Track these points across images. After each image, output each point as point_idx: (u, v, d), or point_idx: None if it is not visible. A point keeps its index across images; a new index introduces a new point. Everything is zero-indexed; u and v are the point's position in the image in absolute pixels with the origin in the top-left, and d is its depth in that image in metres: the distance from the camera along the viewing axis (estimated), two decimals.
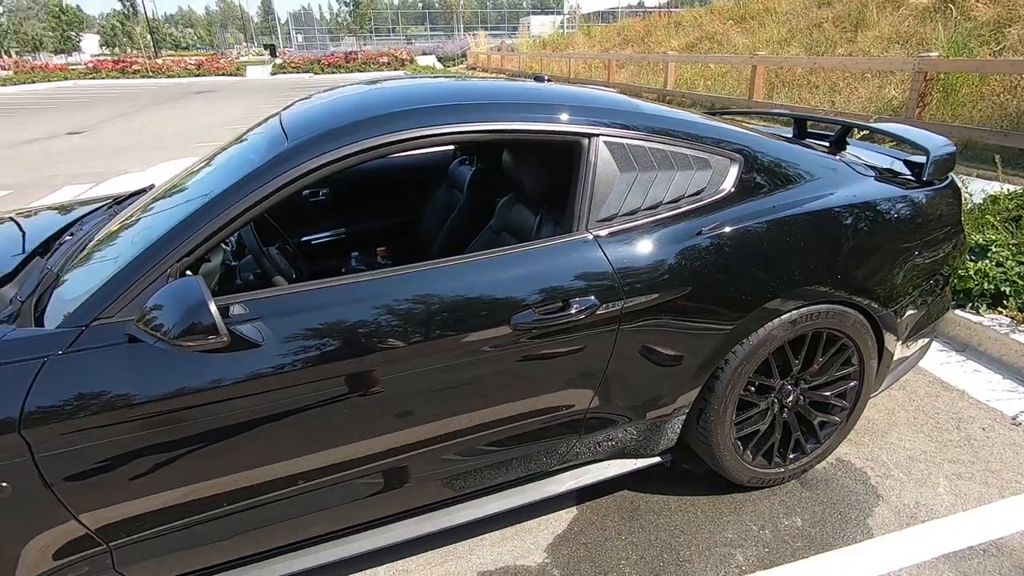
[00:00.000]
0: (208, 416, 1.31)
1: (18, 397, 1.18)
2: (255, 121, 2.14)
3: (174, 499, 1.37)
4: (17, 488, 1.21)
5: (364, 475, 1.54)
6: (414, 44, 46.84)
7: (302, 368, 1.35)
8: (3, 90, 23.52)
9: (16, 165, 8.25)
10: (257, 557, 1.55)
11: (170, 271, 1.31)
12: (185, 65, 32.01)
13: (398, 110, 1.55)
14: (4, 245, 1.89)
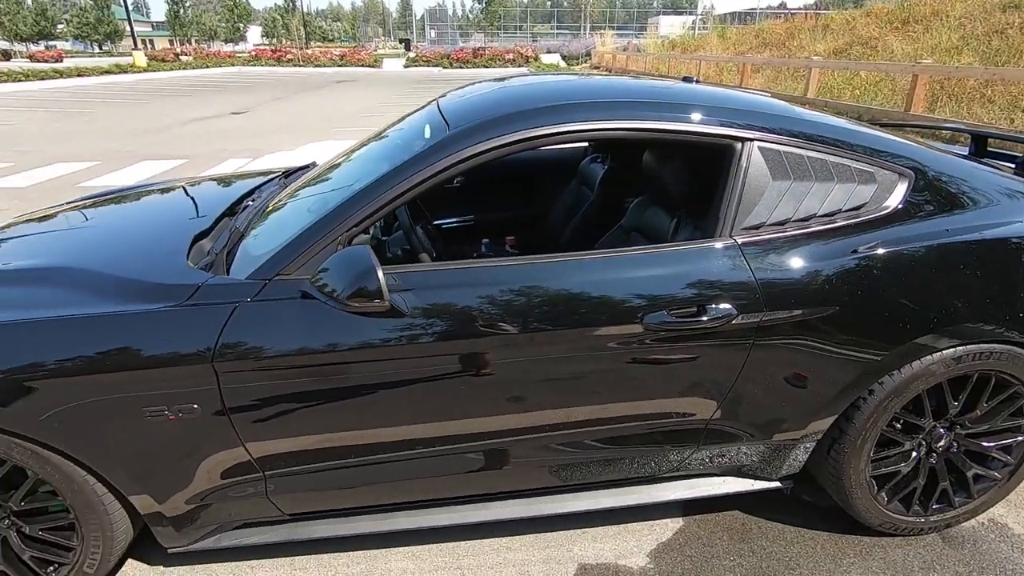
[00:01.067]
0: (352, 373, 1.45)
1: (214, 333, 1.38)
2: (387, 111, 2.29)
3: (318, 443, 1.53)
4: (204, 411, 1.41)
5: (476, 450, 1.62)
6: (539, 42, 47.39)
7: (435, 341, 1.44)
8: (185, 73, 27.08)
9: (191, 139, 9.49)
10: (381, 508, 1.69)
11: (340, 239, 1.46)
12: (331, 56, 34.90)
13: (555, 104, 1.60)
14: (200, 206, 2.20)
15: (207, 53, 38.25)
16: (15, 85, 18.09)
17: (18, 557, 1.54)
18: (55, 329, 1.37)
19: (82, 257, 1.67)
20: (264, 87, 20.35)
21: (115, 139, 9.43)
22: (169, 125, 11.10)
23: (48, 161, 7.65)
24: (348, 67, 32.66)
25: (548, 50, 37.92)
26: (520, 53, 32.91)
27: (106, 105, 14.35)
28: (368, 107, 14.29)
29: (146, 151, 8.42)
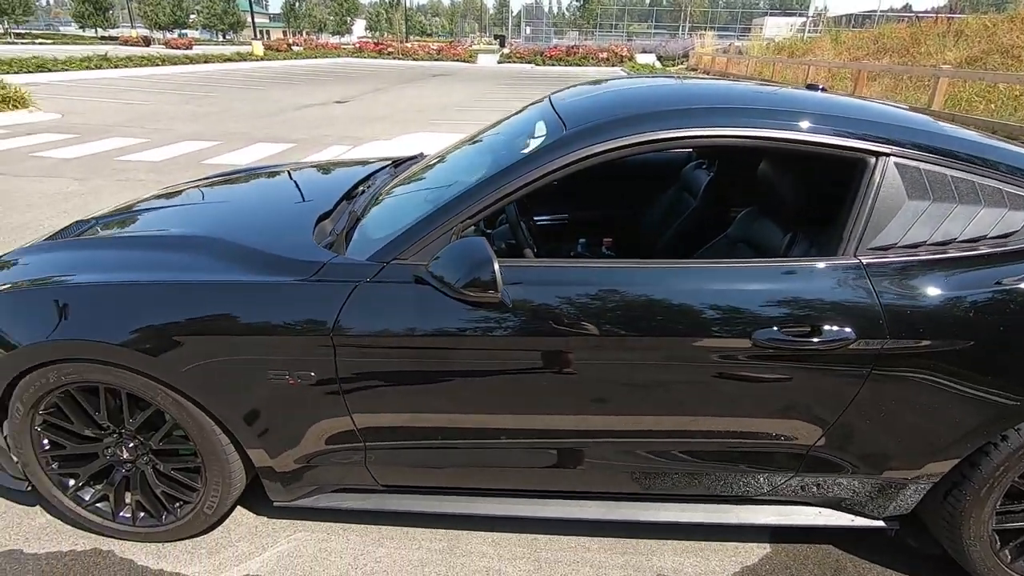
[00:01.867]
0: (452, 358, 1.51)
1: (335, 308, 1.48)
2: (479, 105, 2.33)
3: (415, 421, 1.61)
4: (319, 379, 1.52)
5: (562, 447, 1.64)
6: (635, 41, 46.41)
7: (534, 335, 1.47)
8: (296, 62, 28.97)
9: (298, 125, 10.15)
10: (466, 491, 1.75)
11: (454, 229, 1.52)
12: (428, 50, 36.03)
13: (679, 108, 1.58)
14: (321, 189, 2.37)
15: (316, 44, 40.74)
16: (153, 69, 20.13)
17: (152, 491, 1.73)
18: (201, 292, 1.53)
19: (223, 229, 1.84)
20: (365, 78, 21.36)
21: (234, 122, 10.26)
22: (281, 110, 11.92)
23: (178, 139, 8.46)
24: (444, 61, 33.58)
25: (644, 50, 37.08)
26: (615, 52, 32.42)
27: (227, 90, 15.62)
28: (461, 100, 14.64)
29: (260, 134, 9.10)
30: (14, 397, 1.60)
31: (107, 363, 1.53)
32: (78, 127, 9.11)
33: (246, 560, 1.75)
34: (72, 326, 1.53)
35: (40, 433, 1.66)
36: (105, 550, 1.77)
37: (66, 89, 13.99)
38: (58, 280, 1.64)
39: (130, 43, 34.21)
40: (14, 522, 1.87)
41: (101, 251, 1.81)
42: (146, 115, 10.71)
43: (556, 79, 22.80)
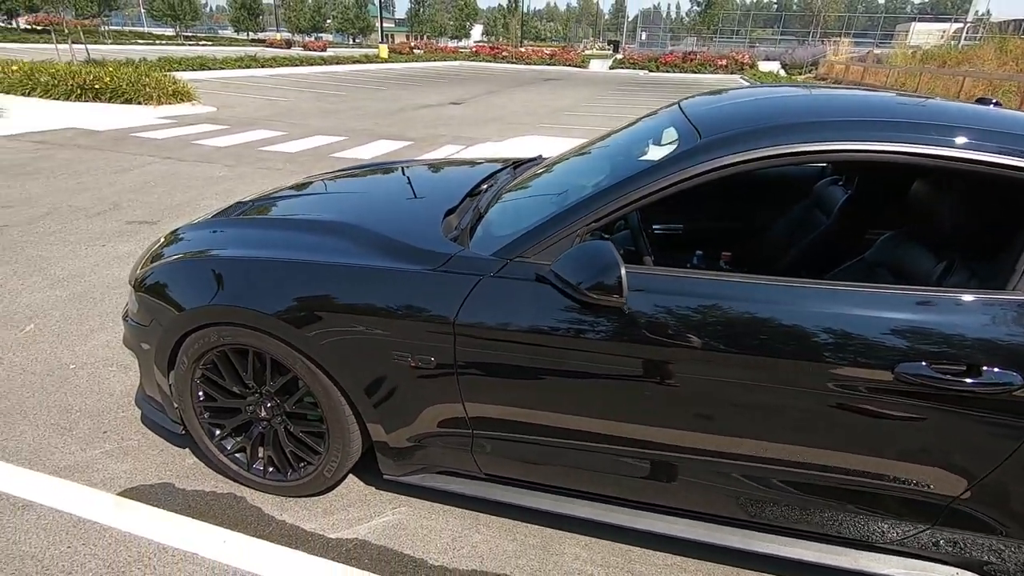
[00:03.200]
0: (565, 359, 1.53)
1: (460, 298, 1.56)
2: (588, 110, 2.31)
3: (522, 416, 1.65)
4: (438, 365, 1.61)
5: (668, 460, 1.60)
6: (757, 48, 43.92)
7: (650, 344, 1.44)
8: (416, 65, 30.56)
9: (416, 124, 10.69)
10: (565, 491, 1.76)
11: (580, 232, 1.54)
12: (541, 55, 36.45)
13: (825, 120, 1.49)
14: (446, 185, 2.49)
15: (435, 48, 42.73)
16: (293, 69, 22.15)
17: (282, 449, 1.92)
18: (343, 273, 1.67)
19: (361, 217, 1.99)
20: (480, 81, 22.05)
21: (359, 119, 11.02)
22: (400, 109, 12.64)
23: (311, 133, 9.24)
24: (556, 66, 33.83)
25: (767, 57, 35.01)
26: (734, 59, 30.89)
27: (354, 89, 16.81)
28: (570, 105, 14.68)
29: (382, 131, 9.71)
30: (181, 351, 1.84)
31: (257, 329, 1.71)
32: (229, 119, 10.23)
33: (355, 525, 1.88)
34: (231, 294, 1.73)
35: (197, 385, 1.90)
36: (239, 495, 1.99)
37: (221, 86, 15.77)
38: (222, 253, 1.87)
39: (274, 45, 37.85)
40: (169, 460, 2.15)
41: (259, 230, 2.04)
42: (285, 111, 11.80)
43: (670, 86, 22.17)
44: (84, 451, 2.17)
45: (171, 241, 2.13)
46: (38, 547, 1.76)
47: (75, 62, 12.23)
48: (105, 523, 1.85)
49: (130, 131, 8.74)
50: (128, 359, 2.79)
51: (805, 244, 2.37)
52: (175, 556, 1.75)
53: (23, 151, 7.14)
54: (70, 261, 3.94)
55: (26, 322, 3.11)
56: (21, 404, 2.43)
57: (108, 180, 6.03)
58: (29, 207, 5.06)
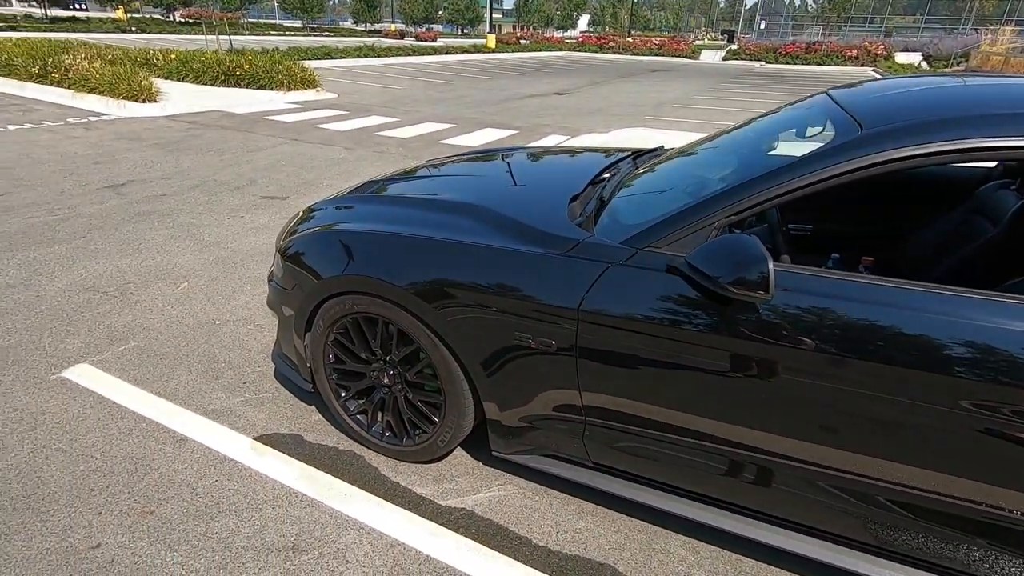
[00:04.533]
0: (692, 353, 1.47)
1: (586, 284, 1.56)
2: (696, 103, 2.17)
3: (639, 409, 1.62)
4: (558, 349, 1.62)
5: (789, 470, 1.51)
6: (894, 38, 39.70)
7: (788, 347, 1.36)
8: (522, 55, 30.77)
9: (520, 113, 10.78)
10: (673, 489, 1.72)
11: (717, 224, 1.48)
12: (649, 45, 35.32)
13: (1015, 112, 1.32)
14: (568, 172, 2.50)
15: (541, 38, 42.75)
16: (406, 58, 23.12)
17: (400, 415, 2.03)
18: (474, 252, 1.73)
19: (490, 200, 2.05)
20: (585, 71, 21.79)
21: (466, 107, 11.30)
22: (506, 99, 12.80)
23: (421, 120, 9.61)
24: (664, 56, 32.63)
25: (905, 47, 31.56)
26: (867, 50, 28.12)
27: (462, 79, 17.25)
28: (676, 98, 14.12)
29: (488, 119, 9.89)
30: (318, 316, 2.00)
31: (387, 300, 1.82)
32: (348, 105, 10.89)
33: (463, 495, 1.95)
34: (365, 266, 1.85)
35: (329, 348, 2.05)
36: (358, 454, 2.13)
37: (341, 73, 16.79)
38: (358, 227, 1.99)
39: (389, 36, 39.70)
40: (298, 414, 2.35)
41: (392, 207, 2.15)
42: (398, 98, 12.36)
43: (788, 79, 20.66)
44: (228, 398, 2.43)
45: (312, 213, 2.31)
46: (192, 476, 2.00)
47: (220, 51, 13.55)
48: (245, 463, 2.06)
49: (264, 114, 9.56)
50: (263, 319, 3.08)
51: (966, 253, 2.12)
52: (303, 501, 1.91)
53: (178, 130, 8.05)
54: (215, 229, 4.40)
55: (180, 280, 3.52)
56: (178, 352, 2.76)
57: (245, 158, 6.65)
58: (183, 179, 5.70)
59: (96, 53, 11.64)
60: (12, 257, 3.73)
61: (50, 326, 2.93)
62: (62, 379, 2.51)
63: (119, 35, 26.49)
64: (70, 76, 10.02)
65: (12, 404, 2.34)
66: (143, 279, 3.51)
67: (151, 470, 2.02)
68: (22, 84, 10.70)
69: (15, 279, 3.43)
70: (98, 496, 1.90)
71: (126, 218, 4.55)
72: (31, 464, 2.03)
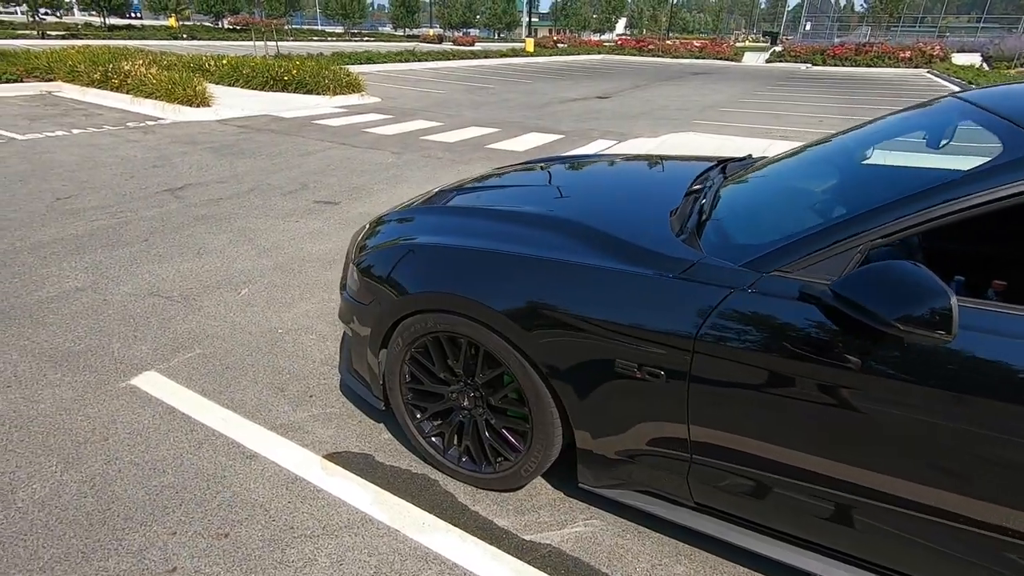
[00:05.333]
0: (834, 392, 1.30)
1: (704, 311, 1.41)
2: (743, 107, 1.96)
3: (759, 449, 1.46)
4: (667, 380, 1.48)
5: (934, 526, 1.32)
6: (947, 37, 38.00)
7: (955, 392, 1.18)
8: (560, 58, 30.61)
9: (564, 117, 10.64)
10: (786, 537, 1.55)
11: (862, 247, 1.31)
12: (689, 48, 34.70)
13: None
14: (656, 182, 2.35)
15: (579, 41, 42.50)
16: (446, 63, 23.24)
17: (481, 441, 1.92)
18: (571, 272, 1.60)
19: (577, 213, 1.92)
20: (625, 75, 21.50)
21: (508, 111, 11.22)
22: (547, 103, 12.67)
23: (465, 124, 9.57)
24: (705, 59, 31.99)
25: (962, 48, 30.16)
26: (921, 51, 26.95)
27: (502, 83, 17.21)
28: (721, 101, 13.74)
29: (532, 124, 9.79)
30: (396, 333, 1.91)
31: (475, 320, 1.71)
32: (392, 109, 10.95)
33: (547, 530, 1.83)
34: (453, 283, 1.74)
35: (407, 367, 1.95)
36: (432, 478, 2.03)
37: (384, 78, 16.97)
38: (443, 242, 1.89)
39: (427, 40, 40.08)
40: (367, 432, 2.26)
41: (475, 220, 2.04)
42: (440, 102, 12.37)
43: (838, 82, 19.96)
44: (295, 411, 2.36)
45: (385, 225, 2.22)
46: (264, 497, 1.93)
47: (268, 57, 13.85)
48: (317, 484, 1.98)
49: (311, 118, 9.68)
50: (324, 328, 3.02)
51: None
52: (379, 529, 1.81)
53: (230, 134, 8.20)
54: (271, 234, 4.40)
55: (241, 286, 3.50)
56: (242, 361, 2.72)
57: (296, 162, 6.70)
58: (238, 183, 5.77)
59: (152, 59, 12.04)
60: (80, 260, 3.79)
61: (118, 331, 2.93)
62: (131, 387, 2.50)
63: (171, 42, 27.47)
64: (128, 82, 10.35)
65: (85, 412, 2.32)
66: (205, 284, 3.51)
67: (223, 488, 1.96)
68: (83, 89, 11.12)
69: (83, 282, 3.47)
70: (172, 514, 1.85)
71: (185, 222, 4.60)
72: (105, 477, 1.99)
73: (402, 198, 5.38)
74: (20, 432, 2.20)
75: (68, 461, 2.06)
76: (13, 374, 2.56)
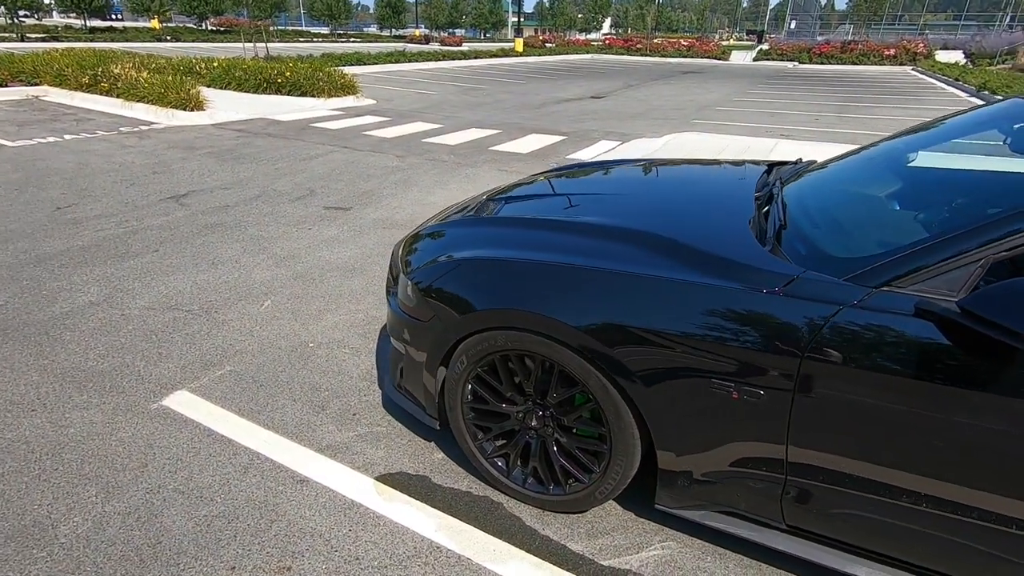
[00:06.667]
0: (951, 411, 1.25)
1: (812, 329, 1.35)
2: (739, 105, 1.92)
3: (864, 470, 1.40)
4: (769, 400, 1.41)
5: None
6: (927, 35, 38.64)
7: None
8: (548, 58, 30.59)
9: (562, 118, 10.58)
10: (887, 560, 1.50)
11: (983, 261, 1.26)
12: (677, 47, 34.87)
13: None
14: (716, 190, 2.28)
15: (567, 41, 42.53)
16: (436, 63, 23.09)
17: (550, 462, 1.84)
18: (660, 288, 1.53)
19: (646, 223, 1.85)
20: (615, 74, 21.52)
21: (505, 112, 11.14)
22: (543, 103, 12.61)
23: (465, 126, 9.47)
24: (692, 58, 32.16)
25: (945, 45, 30.67)
26: (905, 48, 27.39)
27: (494, 83, 17.12)
28: (717, 100, 13.79)
29: (531, 125, 9.71)
30: (460, 350, 1.82)
31: (551, 338, 1.63)
32: (389, 111, 10.81)
33: (624, 554, 1.75)
34: (528, 300, 1.66)
35: (470, 385, 1.87)
36: (495, 501, 1.95)
37: (375, 79, 16.79)
38: (511, 255, 1.80)
39: (414, 41, 39.85)
40: (419, 451, 2.17)
41: (539, 232, 1.95)
42: (436, 103, 12.26)
43: (829, 79, 20.17)
44: (340, 431, 2.27)
45: (434, 235, 2.14)
46: (323, 525, 1.83)
47: (259, 59, 13.63)
48: (376, 510, 1.89)
49: (308, 121, 9.52)
50: (357, 341, 2.92)
51: None
52: (450, 558, 1.73)
53: (228, 138, 8.02)
54: (286, 242, 4.28)
55: (263, 298, 3.39)
56: (276, 378, 2.61)
57: (299, 167, 6.56)
58: (243, 189, 5.62)
59: (141, 62, 11.77)
60: (90, 272, 3.65)
61: (141, 348, 2.81)
62: (164, 408, 2.38)
63: (155, 44, 26.98)
64: (119, 85, 10.11)
65: (118, 436, 2.21)
66: (224, 297, 3.39)
67: (277, 516, 1.86)
68: (71, 94, 10.84)
69: (97, 296, 3.34)
70: (228, 547, 1.75)
71: (194, 230, 4.47)
72: (149, 508, 1.88)
73: (414, 203, 5.29)
74: (52, 460, 2.08)
75: (108, 491, 1.95)
76: (36, 397, 2.43)
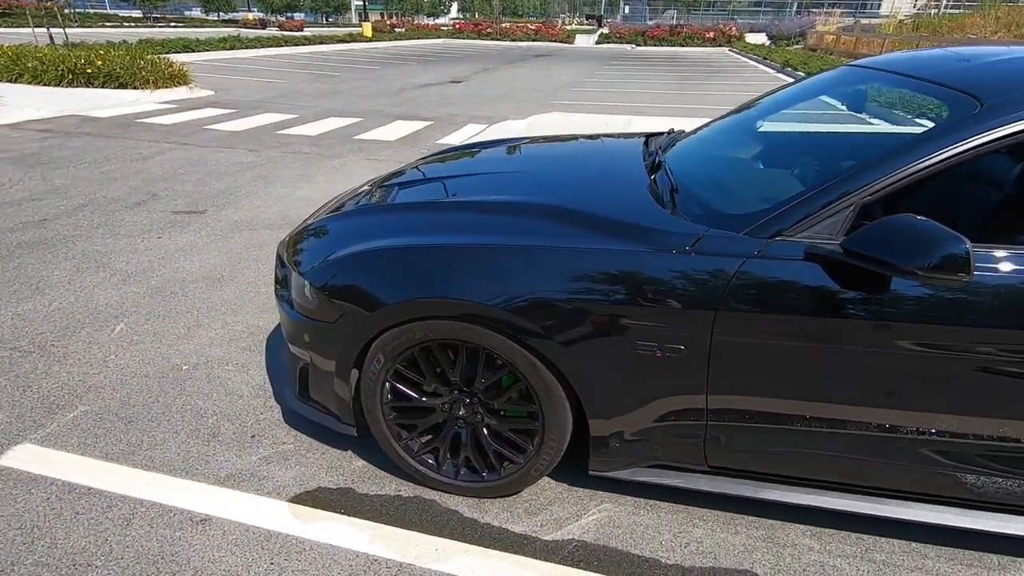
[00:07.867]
0: (845, 343, 1.40)
1: (722, 283, 1.44)
2: (593, 85, 2.19)
3: (774, 405, 1.54)
4: (689, 355, 1.49)
5: (933, 447, 1.52)
6: (736, 20, 43.79)
7: (965, 327, 1.34)
8: (400, 43, 29.73)
9: (424, 104, 10.38)
10: (789, 480, 1.67)
11: (854, 204, 1.42)
12: (526, 31, 35.78)
13: None
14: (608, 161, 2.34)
15: (417, 25, 41.67)
16: (277, 49, 21.31)
17: (482, 449, 1.79)
18: (577, 258, 1.53)
19: (550, 196, 1.85)
20: (470, 58, 21.54)
21: (364, 100, 10.65)
22: (402, 89, 12.26)
23: (322, 115, 8.89)
24: (541, 42, 33.22)
25: (752, 29, 34.93)
26: (722, 32, 30.77)
27: (347, 70, 16.27)
28: (571, 81, 14.42)
29: (393, 112, 9.39)
30: (374, 349, 1.70)
31: (474, 323, 1.57)
32: (232, 103, 9.80)
33: (565, 525, 1.78)
34: (444, 286, 1.59)
35: (389, 384, 1.75)
36: (428, 498, 1.86)
37: (210, 68, 15.09)
38: (419, 242, 1.71)
39: (247, 25, 36.45)
40: (336, 463, 2.01)
41: (441, 214, 1.87)
42: (286, 92, 11.35)
43: (662, 59, 21.98)
44: (239, 458, 2.02)
45: (329, 230, 1.96)
46: (237, 565, 1.62)
47: (57, 46, 11.56)
48: (300, 535, 1.72)
49: (134, 117, 8.30)
50: (242, 356, 2.62)
51: None
52: (391, 568, 1.63)
53: (31, 140, 6.72)
54: (131, 255, 3.70)
55: (113, 322, 2.90)
56: (149, 410, 2.26)
57: (133, 169, 5.71)
58: (60, 199, 4.75)
59: None
60: None
61: None
62: (3, 469, 1.95)
63: None
64: None
65: None
66: (60, 326, 2.85)
67: (180, 566, 1.61)
68: None
69: None
70: None
71: (3, 253, 3.69)
72: None
73: (279, 200, 4.86)
74: None
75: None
76: None
